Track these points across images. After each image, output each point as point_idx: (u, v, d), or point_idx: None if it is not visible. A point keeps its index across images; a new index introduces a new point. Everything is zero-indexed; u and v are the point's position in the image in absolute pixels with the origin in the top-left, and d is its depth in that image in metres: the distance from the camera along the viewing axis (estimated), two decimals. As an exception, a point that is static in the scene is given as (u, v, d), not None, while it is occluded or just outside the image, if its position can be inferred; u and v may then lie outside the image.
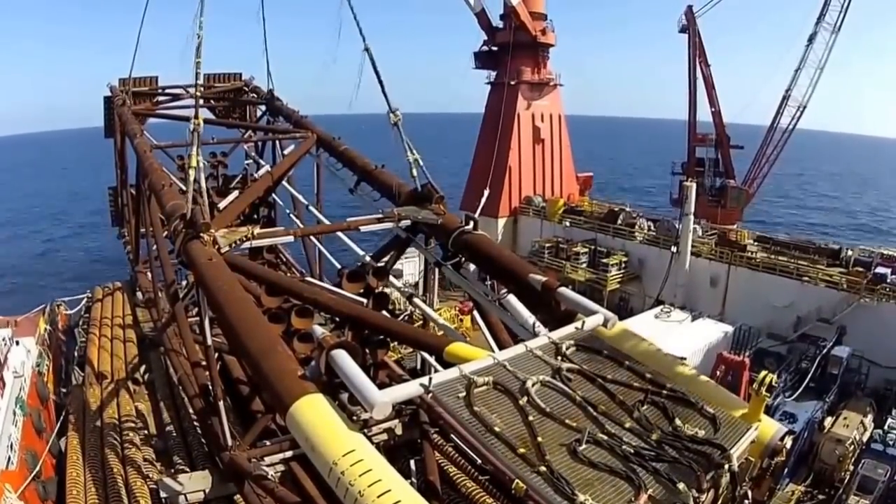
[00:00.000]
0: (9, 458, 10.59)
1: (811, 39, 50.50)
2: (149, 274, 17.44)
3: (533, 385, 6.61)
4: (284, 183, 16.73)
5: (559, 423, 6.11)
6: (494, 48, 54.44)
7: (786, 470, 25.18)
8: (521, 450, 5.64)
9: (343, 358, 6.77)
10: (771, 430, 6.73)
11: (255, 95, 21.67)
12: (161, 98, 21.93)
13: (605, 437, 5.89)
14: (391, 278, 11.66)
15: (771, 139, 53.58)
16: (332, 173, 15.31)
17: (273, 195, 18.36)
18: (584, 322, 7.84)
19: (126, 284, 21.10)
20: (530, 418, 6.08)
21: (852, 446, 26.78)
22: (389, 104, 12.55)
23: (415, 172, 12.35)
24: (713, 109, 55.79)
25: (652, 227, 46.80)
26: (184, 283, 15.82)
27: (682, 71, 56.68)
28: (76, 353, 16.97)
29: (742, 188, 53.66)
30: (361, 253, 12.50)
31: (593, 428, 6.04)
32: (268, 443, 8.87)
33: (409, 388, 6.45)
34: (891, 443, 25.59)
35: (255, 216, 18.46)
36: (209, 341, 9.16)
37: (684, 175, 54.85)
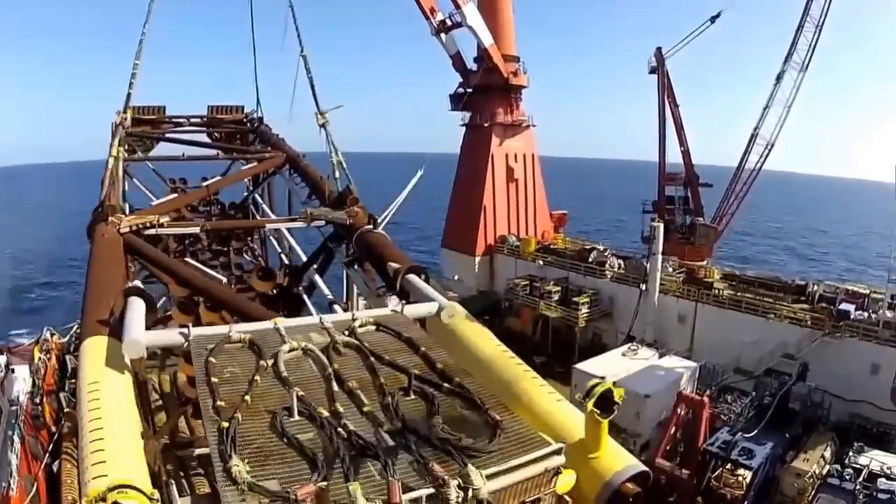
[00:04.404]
0: (9, 483, 10.92)
1: (779, 78, 51.79)
2: None
3: (290, 351, 6.54)
4: (259, 198, 18.15)
5: (287, 390, 5.79)
6: (469, 90, 55.71)
7: (746, 503, 25.62)
8: (221, 403, 5.45)
9: (134, 303, 7.27)
10: (616, 465, 5.52)
11: (251, 125, 23.48)
12: (164, 126, 23.46)
13: (327, 415, 5.38)
14: (318, 279, 12.26)
15: (739, 177, 54.79)
16: (293, 190, 16.61)
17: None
18: (402, 305, 7.90)
19: None
20: (257, 378, 5.94)
21: (812, 480, 27.23)
22: (318, 105, 13.23)
23: (337, 174, 12.88)
24: (682, 149, 57.11)
25: (622, 266, 47.61)
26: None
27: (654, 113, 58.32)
28: (68, 380, 17.32)
29: (710, 226, 54.69)
30: (281, 253, 12.87)
31: (322, 401, 5.74)
32: None
33: (170, 336, 6.99)
34: (847, 477, 26.08)
35: None
36: None
37: (654, 213, 55.92)
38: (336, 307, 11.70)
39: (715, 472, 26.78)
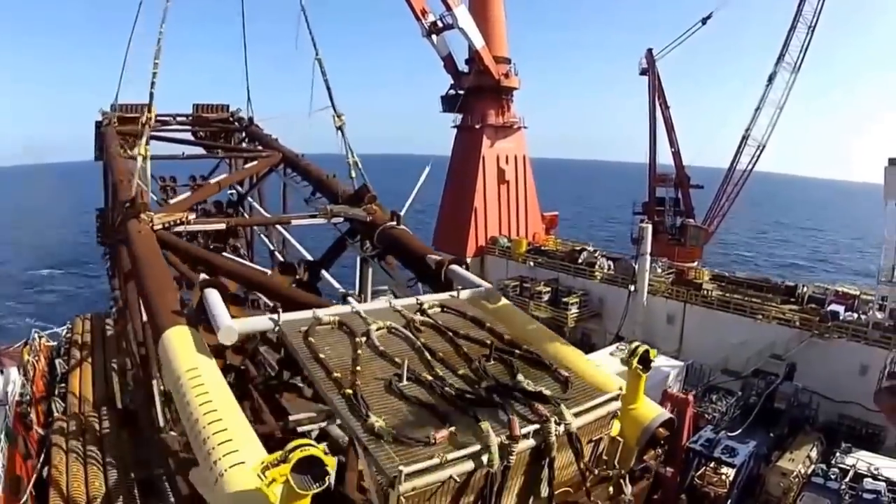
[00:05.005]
0: None
1: (771, 79, 51.75)
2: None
3: (378, 329, 7.18)
4: (249, 198, 18.28)
5: (388, 360, 6.53)
6: (461, 92, 55.73)
7: (729, 501, 25.52)
8: (336, 374, 6.05)
9: (211, 294, 7.55)
10: (651, 414, 6.71)
11: (238, 124, 23.48)
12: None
13: (431, 378, 6.25)
14: (327, 275, 12.66)
15: (730, 178, 54.75)
16: (293, 188, 16.99)
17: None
18: (459, 290, 8.67)
19: (102, 315, 21.47)
20: (359, 352, 6.56)
21: (797, 479, 27.14)
22: (335, 107, 13.53)
23: (353, 174, 13.20)
24: (673, 150, 57.22)
25: (612, 267, 47.60)
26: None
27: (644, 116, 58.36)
28: (58, 384, 17.22)
29: (701, 227, 54.68)
30: (275, 251, 13.16)
31: (420, 368, 6.47)
32: None
33: (260, 322, 7.31)
34: (833, 477, 26.00)
35: None
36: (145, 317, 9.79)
37: (644, 215, 55.92)
38: (350, 300, 12.02)
39: (698, 471, 26.72)
